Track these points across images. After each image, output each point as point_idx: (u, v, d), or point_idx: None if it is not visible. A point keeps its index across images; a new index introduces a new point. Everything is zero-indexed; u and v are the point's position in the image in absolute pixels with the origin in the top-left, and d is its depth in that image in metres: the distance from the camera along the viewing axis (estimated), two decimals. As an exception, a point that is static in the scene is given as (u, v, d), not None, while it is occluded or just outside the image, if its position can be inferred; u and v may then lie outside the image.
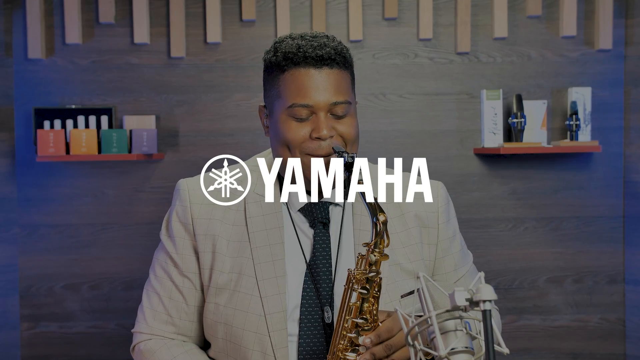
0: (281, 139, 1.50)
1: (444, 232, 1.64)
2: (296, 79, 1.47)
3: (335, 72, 1.48)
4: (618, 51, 3.13)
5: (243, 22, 3.15)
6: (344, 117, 1.49)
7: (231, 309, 1.53)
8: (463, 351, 1.06)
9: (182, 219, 1.58)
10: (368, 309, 1.35)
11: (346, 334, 1.36)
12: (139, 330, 1.61)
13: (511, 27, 3.14)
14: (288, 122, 1.49)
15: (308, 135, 1.48)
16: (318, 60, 1.46)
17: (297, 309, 1.53)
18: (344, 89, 1.49)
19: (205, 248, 1.56)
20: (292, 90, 1.47)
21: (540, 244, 3.18)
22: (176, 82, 3.15)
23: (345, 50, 1.51)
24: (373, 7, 3.16)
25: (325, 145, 1.47)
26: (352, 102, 1.52)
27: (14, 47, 3.12)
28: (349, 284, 1.37)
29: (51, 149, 2.98)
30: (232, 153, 3.14)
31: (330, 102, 1.46)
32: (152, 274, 1.63)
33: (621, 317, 3.20)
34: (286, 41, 1.50)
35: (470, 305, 1.04)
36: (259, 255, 1.54)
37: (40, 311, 3.17)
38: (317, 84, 1.46)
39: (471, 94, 3.15)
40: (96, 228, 3.17)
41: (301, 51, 1.46)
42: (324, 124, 1.46)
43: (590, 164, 3.16)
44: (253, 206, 1.57)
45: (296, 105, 1.47)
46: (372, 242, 1.33)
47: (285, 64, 1.48)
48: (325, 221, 1.57)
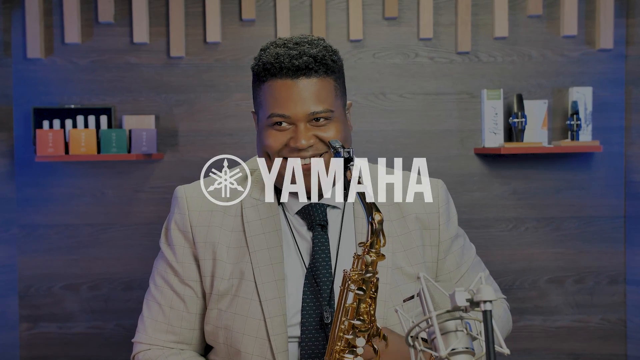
0: (262, 147, 1.52)
1: (445, 233, 1.63)
2: (274, 90, 1.47)
3: (314, 81, 1.46)
4: (619, 51, 3.12)
5: (243, 21, 3.14)
6: (327, 124, 1.48)
7: (231, 313, 1.52)
8: (463, 352, 1.06)
9: (181, 227, 1.58)
10: (365, 310, 1.34)
11: (343, 335, 1.35)
12: (138, 340, 1.61)
13: (512, 26, 3.13)
14: (269, 131, 1.49)
15: (286, 142, 1.48)
16: (294, 71, 1.44)
17: (298, 313, 1.52)
18: (325, 97, 1.47)
19: (206, 256, 1.55)
20: (270, 101, 1.47)
21: (541, 244, 3.17)
22: (176, 82, 3.14)
23: (329, 55, 1.49)
24: (373, 6, 3.15)
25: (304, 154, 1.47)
26: (337, 108, 1.50)
27: (12, 46, 3.11)
28: (344, 284, 1.36)
29: (50, 149, 2.98)
30: (232, 153, 3.10)
31: (308, 112, 1.46)
32: (152, 283, 1.62)
33: (622, 318, 3.19)
34: (268, 49, 1.50)
35: (471, 306, 1.03)
36: (257, 259, 1.53)
37: (40, 311, 3.16)
38: (293, 95, 1.45)
39: (472, 93, 3.14)
40: (95, 228, 3.16)
41: (278, 62, 1.45)
42: (302, 134, 1.46)
43: (591, 164, 3.16)
44: (250, 210, 1.57)
45: (274, 115, 1.47)
46: (368, 242, 1.31)
47: (264, 74, 1.48)
48: (323, 223, 1.56)
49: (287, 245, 1.57)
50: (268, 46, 1.51)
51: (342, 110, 1.53)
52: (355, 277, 1.33)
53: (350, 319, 1.34)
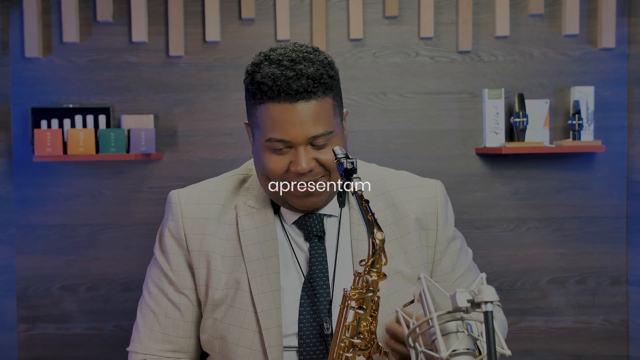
0: (261, 169, 1.47)
1: (442, 234, 1.61)
2: (271, 114, 1.40)
3: (313, 104, 1.40)
4: (621, 50, 3.12)
5: (242, 20, 3.13)
6: (326, 146, 1.43)
7: (226, 324, 1.51)
8: (464, 353, 1.06)
9: (175, 235, 1.55)
10: (365, 328, 1.31)
11: (342, 353, 1.32)
12: (133, 350, 1.58)
13: (513, 25, 3.12)
14: (268, 154, 1.44)
15: (287, 166, 1.44)
16: (293, 95, 1.38)
17: (294, 323, 1.50)
18: (324, 119, 1.41)
19: (200, 265, 1.53)
20: (268, 125, 1.41)
21: (542, 245, 3.16)
22: (175, 81, 3.13)
23: (327, 72, 1.42)
24: (373, 5, 3.14)
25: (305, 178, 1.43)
26: (336, 127, 1.45)
27: (10, 45, 3.10)
28: (344, 303, 1.33)
29: (48, 149, 2.97)
30: (231, 153, 3.13)
31: (308, 136, 1.40)
32: (145, 291, 1.60)
33: (624, 319, 3.18)
34: (263, 67, 1.41)
35: (472, 307, 1.03)
36: (253, 270, 1.50)
37: (38, 312, 3.15)
38: (292, 119, 1.39)
39: (473, 93, 3.13)
40: (94, 229, 3.15)
41: (276, 85, 1.38)
42: (302, 157, 1.41)
43: (593, 164, 3.15)
44: (245, 218, 1.54)
45: (273, 139, 1.41)
46: (370, 261, 1.28)
47: (260, 96, 1.41)
48: (320, 234, 1.53)
49: (284, 255, 1.54)
50: (261, 61, 1.43)
51: (340, 126, 1.49)
52: (355, 296, 1.30)
53: (350, 337, 1.31)
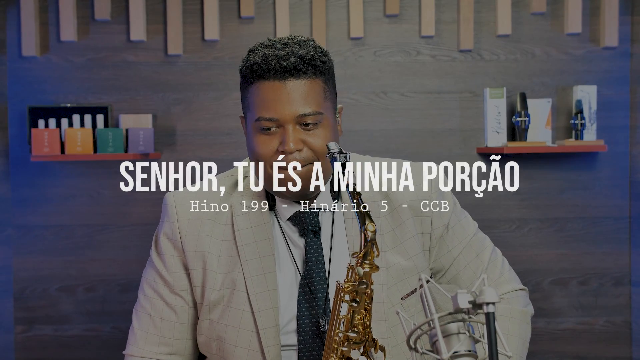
0: (253, 153, 1.49)
1: (437, 220, 1.57)
2: (261, 92, 1.43)
3: (302, 83, 1.42)
4: (624, 49, 3.11)
5: (241, 19, 3.12)
6: (315, 129, 1.44)
7: (223, 324, 1.51)
8: (466, 354, 1.05)
9: (170, 236, 1.55)
10: (359, 321, 1.31)
11: (337, 347, 1.32)
12: (130, 353, 1.58)
13: (515, 24, 3.11)
14: (258, 136, 1.46)
15: (277, 148, 1.44)
16: (282, 72, 1.41)
17: (292, 320, 1.50)
18: (314, 99, 1.43)
19: (196, 265, 1.53)
20: (258, 104, 1.44)
21: (544, 245, 3.15)
22: (173, 80, 3.12)
23: (319, 56, 1.45)
24: (374, 3, 3.12)
25: (292, 158, 1.43)
26: (326, 111, 1.46)
27: (7, 44, 3.10)
28: (337, 296, 1.33)
29: (46, 149, 2.96)
30: (230, 152, 3.12)
31: (296, 114, 1.42)
32: (141, 294, 1.60)
33: (627, 320, 3.17)
34: (256, 50, 1.47)
35: (474, 308, 1.02)
36: (249, 269, 1.50)
37: (35, 314, 3.14)
38: (281, 97, 1.42)
39: (474, 92, 3.12)
40: (92, 229, 3.13)
41: (265, 63, 1.42)
42: (290, 137, 1.42)
43: (595, 164, 3.14)
44: (241, 218, 1.54)
45: (262, 118, 1.43)
46: (362, 253, 1.27)
47: (251, 76, 1.45)
48: (315, 230, 1.53)
49: (280, 253, 1.54)
50: (256, 47, 1.49)
51: (331, 114, 1.49)
52: (348, 288, 1.30)
53: (345, 331, 1.31)
